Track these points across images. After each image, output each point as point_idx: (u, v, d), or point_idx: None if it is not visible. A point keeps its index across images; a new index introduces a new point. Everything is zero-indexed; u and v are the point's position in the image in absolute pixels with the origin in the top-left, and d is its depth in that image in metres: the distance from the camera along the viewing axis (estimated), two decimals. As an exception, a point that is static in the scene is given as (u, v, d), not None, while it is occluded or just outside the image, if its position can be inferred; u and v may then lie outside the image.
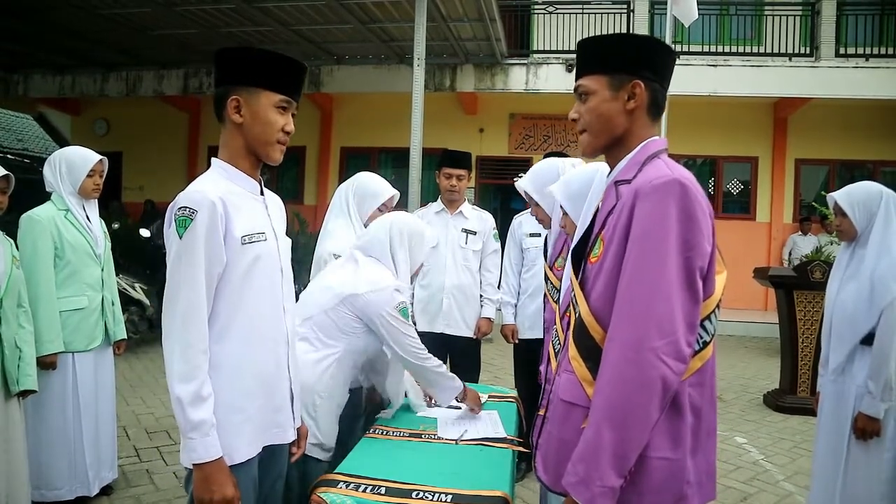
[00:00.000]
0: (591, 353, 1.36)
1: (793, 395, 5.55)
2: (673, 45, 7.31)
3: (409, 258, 2.41)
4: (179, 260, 1.55)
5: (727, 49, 10.09)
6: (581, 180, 1.96)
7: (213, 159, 1.73)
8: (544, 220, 2.68)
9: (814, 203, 7.94)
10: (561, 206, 2.03)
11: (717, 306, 1.39)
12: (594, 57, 1.50)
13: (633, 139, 1.47)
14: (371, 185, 2.97)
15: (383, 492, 1.69)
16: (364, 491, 1.69)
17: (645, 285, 1.28)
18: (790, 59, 9.78)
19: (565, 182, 2.03)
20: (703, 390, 1.38)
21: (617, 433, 1.25)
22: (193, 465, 1.54)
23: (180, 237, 1.54)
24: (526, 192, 2.68)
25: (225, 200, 1.60)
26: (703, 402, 1.38)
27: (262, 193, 1.76)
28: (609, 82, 1.46)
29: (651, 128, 1.49)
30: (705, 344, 1.37)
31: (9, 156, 8.37)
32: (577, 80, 1.53)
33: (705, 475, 1.39)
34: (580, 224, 1.63)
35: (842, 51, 9.82)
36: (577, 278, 1.48)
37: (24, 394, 2.81)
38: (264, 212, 1.75)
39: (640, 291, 1.28)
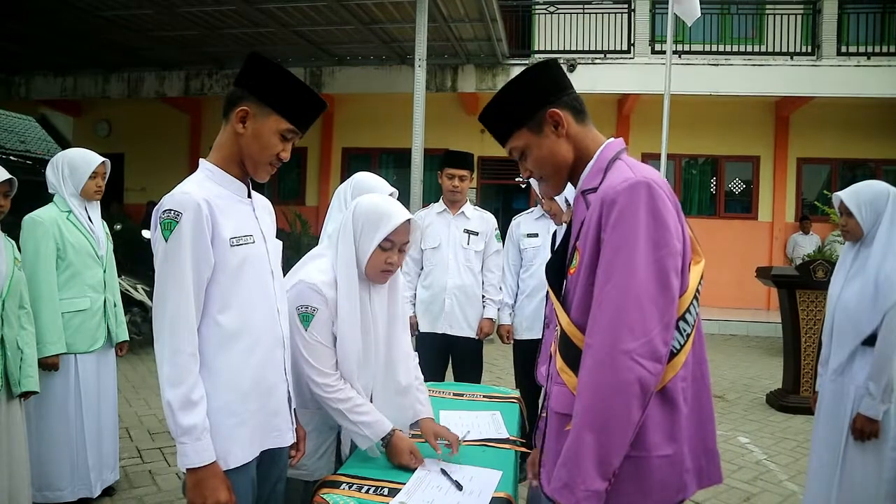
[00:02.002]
0: (577, 362, 1.36)
1: (796, 395, 5.54)
2: (674, 45, 7.30)
3: (356, 246, 1.96)
4: (166, 263, 1.54)
5: (728, 48, 10.09)
6: None
7: (200, 161, 1.71)
8: (557, 215, 2.65)
9: (816, 202, 7.93)
10: (567, 203, 2.01)
11: (696, 297, 1.40)
12: (501, 123, 1.52)
13: (585, 152, 1.47)
14: (369, 182, 2.42)
15: (386, 493, 1.69)
16: (367, 492, 1.68)
17: (617, 289, 1.27)
18: (791, 58, 9.77)
19: None
20: (695, 381, 1.39)
21: (597, 437, 1.25)
22: (186, 469, 1.54)
23: (166, 240, 1.53)
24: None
25: (210, 202, 1.58)
26: (701, 391, 1.40)
27: (249, 196, 1.75)
28: (530, 130, 1.47)
29: (591, 130, 1.49)
30: (688, 336, 1.37)
31: (11, 157, 8.40)
32: (503, 146, 1.54)
33: (704, 459, 1.40)
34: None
35: (843, 49, 9.81)
36: (554, 291, 1.48)
37: (26, 395, 2.82)
38: (252, 214, 1.74)
39: (613, 295, 1.27)
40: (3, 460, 2.71)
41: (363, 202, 2.01)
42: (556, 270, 1.51)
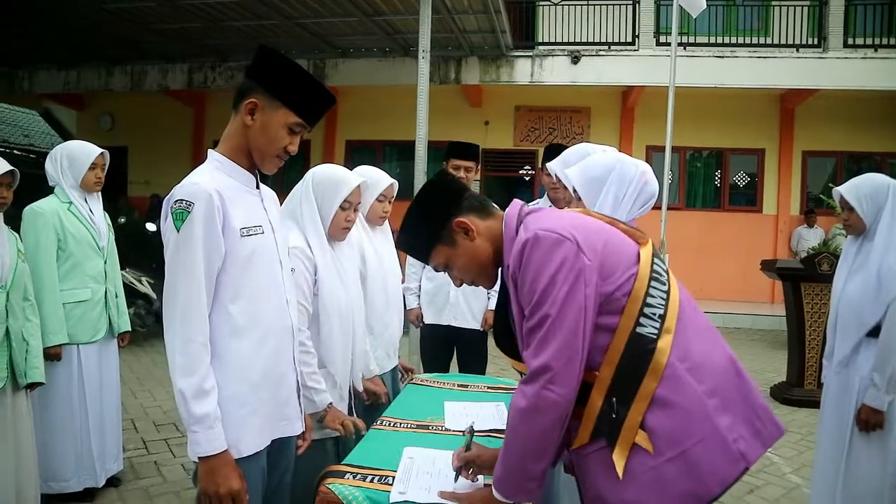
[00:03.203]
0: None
1: (800, 388, 5.53)
2: (679, 37, 7.26)
3: (318, 211, 2.23)
4: (177, 253, 1.55)
5: (734, 40, 10.03)
6: (601, 168, 1.92)
7: (209, 151, 1.72)
8: (570, 203, 2.59)
9: (821, 195, 7.89)
10: (575, 191, 1.98)
11: (657, 277, 1.44)
12: (417, 248, 1.64)
13: (501, 238, 1.54)
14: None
15: (390, 482, 1.68)
16: (371, 482, 1.68)
17: (533, 331, 1.38)
18: (797, 50, 9.71)
19: (583, 167, 1.97)
20: (706, 353, 1.42)
21: (516, 452, 1.41)
22: (199, 458, 1.55)
23: (178, 230, 1.54)
24: (555, 174, 2.61)
25: (221, 193, 1.59)
26: (718, 359, 1.42)
27: (257, 187, 1.76)
28: (445, 245, 1.58)
29: (495, 216, 1.59)
30: (661, 318, 1.40)
31: (15, 151, 8.41)
32: (428, 264, 1.65)
33: (757, 419, 1.40)
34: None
35: (850, 41, 9.74)
36: (509, 355, 1.59)
37: (32, 386, 2.83)
38: (260, 205, 1.74)
39: (529, 338, 1.40)
40: (11, 452, 2.72)
41: (319, 172, 2.29)
42: (507, 334, 1.59)
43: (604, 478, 1.40)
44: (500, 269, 1.59)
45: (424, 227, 1.59)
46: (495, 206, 1.64)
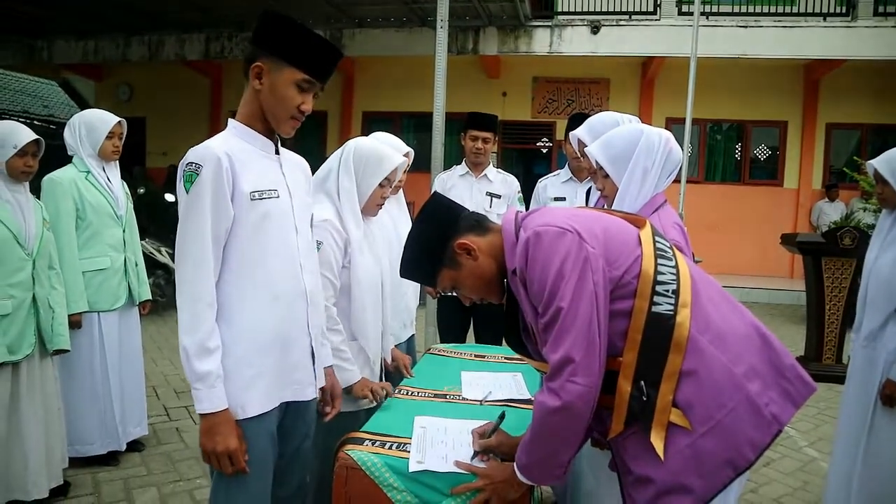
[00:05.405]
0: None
1: (818, 363, 5.50)
2: (702, 5, 7.09)
3: (356, 186, 2.19)
4: (187, 214, 1.58)
5: (758, 9, 9.76)
6: (624, 141, 1.87)
7: (229, 119, 1.74)
8: (594, 172, 2.55)
9: (845, 168, 7.73)
10: (599, 167, 1.94)
11: (662, 254, 1.44)
12: (422, 273, 1.67)
13: (500, 250, 1.55)
14: (376, 150, 2.27)
15: (408, 450, 1.71)
16: (390, 448, 1.71)
17: (548, 327, 1.39)
18: (825, 19, 9.42)
19: (605, 143, 1.93)
20: (716, 323, 1.41)
21: (544, 445, 1.43)
22: (200, 415, 1.59)
23: (187, 192, 1.57)
24: (580, 141, 2.57)
25: (232, 156, 1.61)
26: (730, 327, 1.42)
27: (277, 153, 1.76)
28: (449, 268, 1.60)
29: (493, 231, 1.61)
30: (674, 293, 1.40)
31: (35, 122, 8.46)
32: (435, 286, 1.67)
33: (785, 380, 1.41)
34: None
35: (881, 10, 9.42)
36: (528, 356, 1.61)
37: (57, 352, 2.88)
38: (278, 170, 1.75)
39: (545, 334, 1.41)
40: (40, 415, 2.79)
41: (362, 144, 2.24)
42: (519, 340, 1.61)
43: (643, 460, 1.39)
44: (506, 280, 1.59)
45: (426, 254, 1.61)
46: (493, 221, 1.65)
